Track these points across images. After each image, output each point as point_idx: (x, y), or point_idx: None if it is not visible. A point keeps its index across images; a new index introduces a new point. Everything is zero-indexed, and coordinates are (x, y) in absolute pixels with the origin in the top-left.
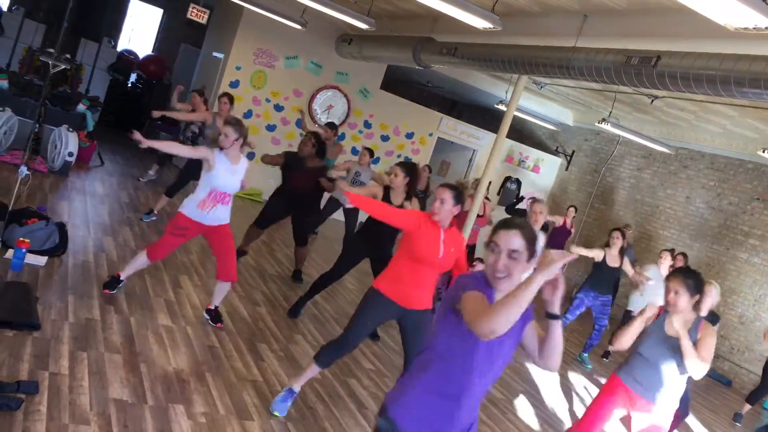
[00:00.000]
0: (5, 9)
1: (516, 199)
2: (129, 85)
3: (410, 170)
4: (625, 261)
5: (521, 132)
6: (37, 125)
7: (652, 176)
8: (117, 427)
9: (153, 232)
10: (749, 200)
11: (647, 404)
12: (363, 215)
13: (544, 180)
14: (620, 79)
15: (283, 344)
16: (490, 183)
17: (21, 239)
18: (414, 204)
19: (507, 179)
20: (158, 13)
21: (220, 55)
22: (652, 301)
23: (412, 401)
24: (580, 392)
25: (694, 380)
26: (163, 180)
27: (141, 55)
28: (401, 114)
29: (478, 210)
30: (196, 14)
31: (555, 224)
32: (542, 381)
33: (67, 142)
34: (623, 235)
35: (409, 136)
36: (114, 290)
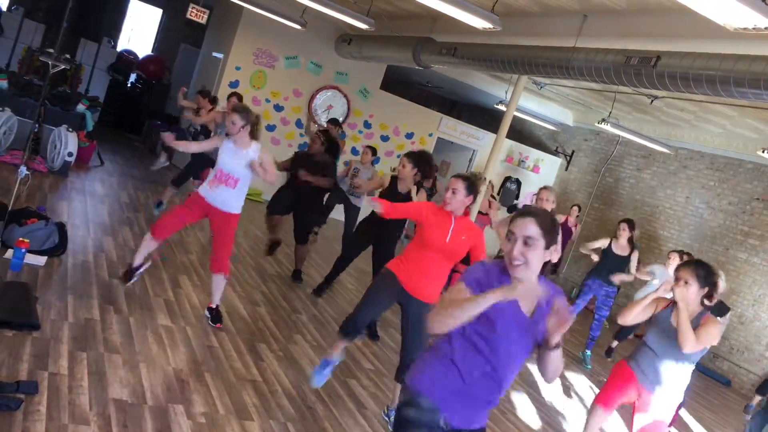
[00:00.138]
0: (5, 9)
1: (515, 201)
2: (129, 85)
3: (418, 161)
4: (635, 253)
5: (521, 132)
6: (37, 125)
7: (652, 176)
8: (116, 427)
9: None
10: (749, 200)
11: (649, 396)
12: (364, 212)
13: (544, 180)
14: (620, 79)
15: (283, 344)
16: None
17: (20, 239)
18: (421, 195)
19: (507, 179)
20: (158, 13)
21: (220, 55)
22: (666, 282)
23: (427, 367)
24: (581, 392)
25: (693, 379)
26: (165, 175)
27: (141, 55)
28: (401, 114)
29: (484, 209)
30: (196, 14)
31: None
32: (542, 381)
33: (67, 142)
34: (630, 228)
35: (409, 136)
36: (135, 278)
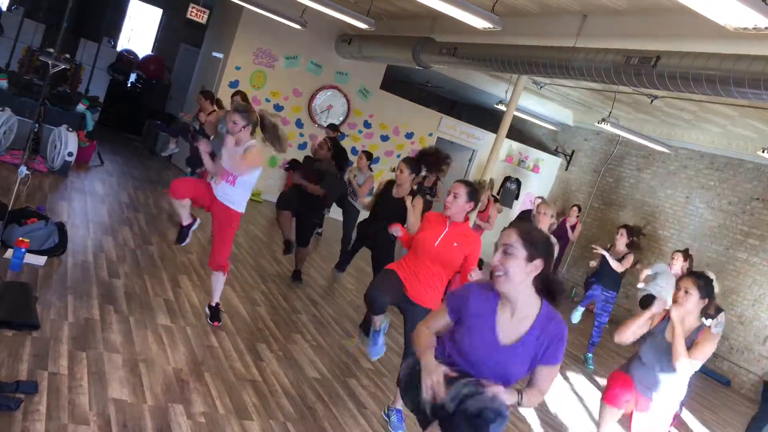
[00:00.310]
0: (5, 9)
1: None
2: (129, 85)
3: (415, 167)
4: (629, 255)
5: (521, 132)
6: (37, 125)
7: (652, 176)
8: (116, 427)
9: (153, 231)
10: (749, 200)
11: (647, 402)
12: (363, 214)
13: (544, 180)
14: (620, 79)
15: (282, 344)
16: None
17: (20, 239)
18: (417, 202)
19: (507, 179)
20: (158, 13)
21: (220, 55)
22: (660, 295)
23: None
24: (581, 392)
25: (693, 379)
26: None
27: (141, 55)
28: (401, 114)
29: (481, 206)
30: (196, 14)
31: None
32: None
33: (67, 142)
34: (629, 233)
35: (409, 136)
36: (188, 240)
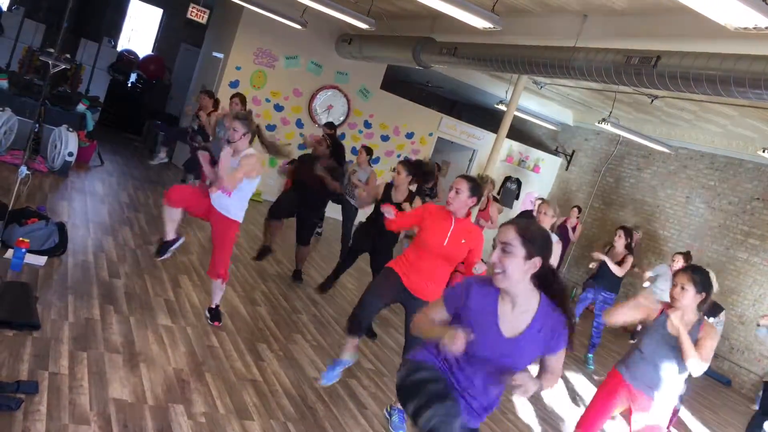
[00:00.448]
0: (5, 9)
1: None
2: (129, 85)
3: (413, 169)
4: (629, 257)
5: (521, 132)
6: (37, 125)
7: (652, 176)
8: (117, 427)
9: (153, 231)
10: (749, 200)
11: (648, 401)
12: (362, 215)
13: (545, 180)
14: (620, 79)
15: (283, 344)
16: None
17: (21, 239)
18: (416, 204)
19: (507, 179)
20: (158, 13)
21: (220, 55)
22: (649, 291)
23: (426, 348)
24: (580, 392)
25: (693, 378)
26: (161, 175)
27: (141, 55)
28: (401, 114)
29: (482, 204)
30: (196, 14)
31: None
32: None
33: (67, 142)
34: (627, 234)
35: (409, 136)
36: (167, 255)
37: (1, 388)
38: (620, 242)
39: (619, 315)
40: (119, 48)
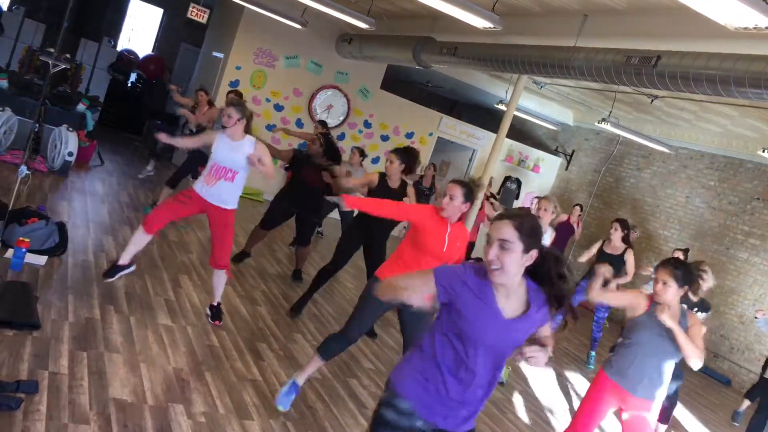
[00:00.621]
0: (5, 8)
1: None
2: (129, 85)
3: (405, 157)
4: (630, 252)
5: (521, 132)
6: (37, 125)
7: (652, 176)
8: (117, 427)
9: None
10: (749, 200)
11: (638, 402)
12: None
13: (545, 180)
14: (620, 79)
15: (283, 343)
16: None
17: (21, 239)
18: (410, 193)
19: (507, 179)
20: (158, 13)
21: (220, 55)
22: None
23: (410, 367)
24: (579, 392)
25: (692, 378)
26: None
27: (141, 55)
28: (401, 114)
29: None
30: (196, 14)
31: (558, 220)
32: (541, 380)
33: (67, 142)
34: (623, 226)
35: (409, 136)
36: (114, 278)
37: (1, 388)
38: (617, 235)
39: (609, 297)
40: (119, 48)
